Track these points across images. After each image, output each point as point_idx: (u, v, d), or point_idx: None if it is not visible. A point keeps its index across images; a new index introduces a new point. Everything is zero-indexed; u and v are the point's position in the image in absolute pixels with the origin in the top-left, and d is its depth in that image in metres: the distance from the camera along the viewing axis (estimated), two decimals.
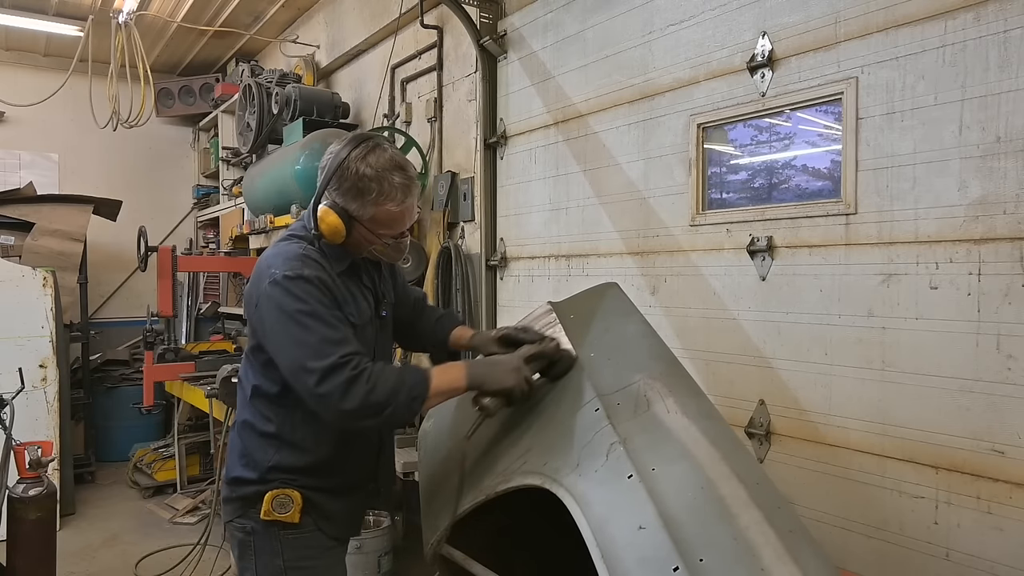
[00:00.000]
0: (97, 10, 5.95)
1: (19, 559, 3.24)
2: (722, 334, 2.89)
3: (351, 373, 1.73)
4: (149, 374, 5.20)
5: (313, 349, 1.75)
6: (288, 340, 1.79)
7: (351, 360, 1.75)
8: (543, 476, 1.65)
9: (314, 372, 1.73)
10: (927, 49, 2.26)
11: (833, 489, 2.53)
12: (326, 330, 1.78)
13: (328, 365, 1.73)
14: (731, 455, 1.57)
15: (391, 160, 1.89)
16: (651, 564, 1.35)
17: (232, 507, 2.01)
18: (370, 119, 5.21)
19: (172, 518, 5.36)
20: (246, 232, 5.59)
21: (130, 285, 7.71)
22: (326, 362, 1.73)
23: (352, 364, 1.74)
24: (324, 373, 1.73)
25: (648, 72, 3.21)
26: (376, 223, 1.91)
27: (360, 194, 1.87)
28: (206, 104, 7.43)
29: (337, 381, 1.72)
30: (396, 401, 1.76)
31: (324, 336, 1.77)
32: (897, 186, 2.34)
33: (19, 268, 5.12)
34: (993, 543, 2.12)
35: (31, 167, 7.28)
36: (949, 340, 2.22)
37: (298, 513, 1.93)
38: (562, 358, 1.94)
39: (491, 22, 4.15)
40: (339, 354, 1.74)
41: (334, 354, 1.74)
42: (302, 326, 1.78)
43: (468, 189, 4.41)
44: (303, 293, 1.80)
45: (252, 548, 1.96)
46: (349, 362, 1.74)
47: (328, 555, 2.02)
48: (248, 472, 1.96)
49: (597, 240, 3.51)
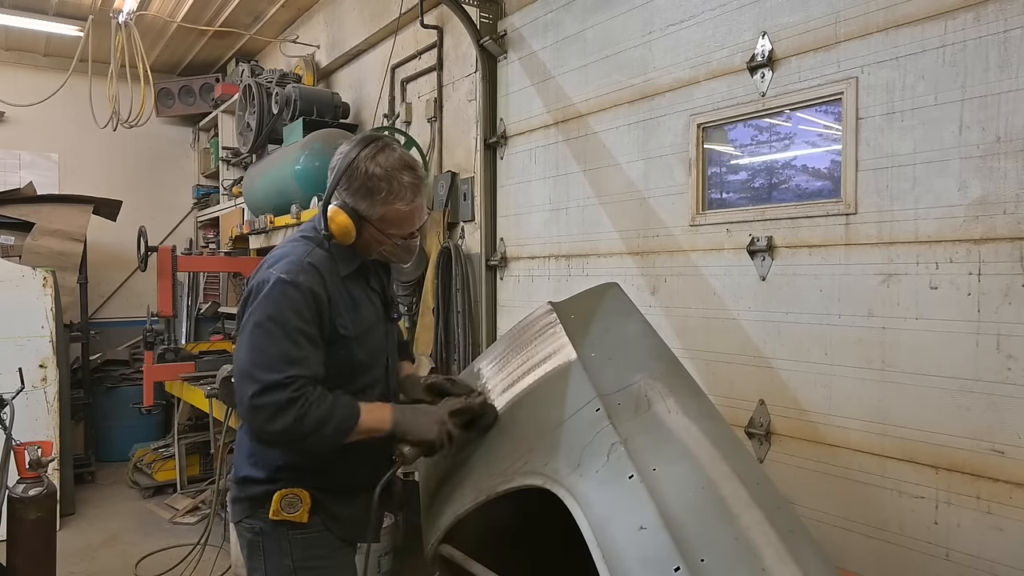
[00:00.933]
0: (97, 10, 5.95)
1: (19, 559, 3.24)
2: (722, 334, 2.90)
3: (290, 395, 1.75)
4: (149, 374, 5.20)
5: (266, 361, 1.78)
6: (249, 342, 1.82)
7: (295, 382, 1.77)
8: (544, 476, 1.65)
9: (257, 382, 1.76)
10: (927, 49, 2.27)
11: (833, 489, 2.53)
12: (287, 345, 1.80)
13: (272, 381, 1.75)
14: (732, 455, 1.57)
15: (400, 160, 1.90)
16: (652, 564, 1.35)
17: (240, 507, 2.00)
18: (370, 119, 5.21)
19: (172, 518, 5.36)
20: (246, 232, 5.59)
21: (130, 285, 7.70)
22: (271, 377, 1.75)
23: (294, 386, 1.76)
24: (265, 387, 1.75)
25: (648, 72, 3.21)
26: (386, 223, 1.92)
27: (370, 194, 1.88)
28: (206, 104, 7.42)
29: (273, 399, 1.75)
30: (320, 432, 1.79)
31: (282, 351, 1.79)
32: (897, 186, 2.34)
33: (19, 268, 5.12)
34: (993, 543, 2.13)
35: (31, 167, 7.28)
36: (949, 340, 2.22)
37: (307, 513, 1.93)
38: (485, 413, 1.99)
39: (491, 22, 4.15)
40: (287, 373, 1.76)
41: (283, 372, 1.76)
42: (267, 333, 1.80)
43: (468, 189, 4.41)
44: (285, 300, 1.82)
45: (261, 548, 1.95)
46: (292, 383, 1.76)
47: (337, 556, 2.01)
48: (257, 471, 1.96)
49: (597, 240, 3.51)
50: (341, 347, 1.92)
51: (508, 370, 2.17)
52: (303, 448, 1.88)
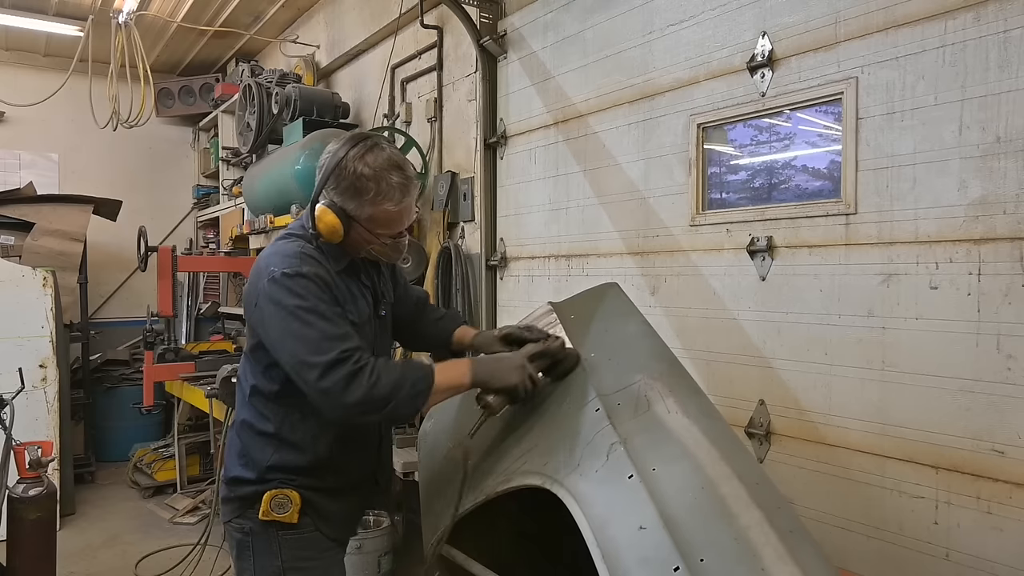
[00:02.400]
0: (97, 10, 5.95)
1: (19, 559, 3.24)
2: (722, 334, 2.89)
3: (353, 367, 1.72)
4: (149, 374, 5.20)
5: (314, 345, 1.75)
6: (289, 336, 1.79)
7: (352, 355, 1.74)
8: (544, 476, 1.65)
9: (316, 367, 1.73)
10: (927, 49, 2.26)
11: (833, 489, 2.53)
12: (327, 326, 1.78)
13: (330, 360, 1.72)
14: (731, 455, 1.57)
15: (389, 159, 1.89)
16: (652, 564, 1.35)
17: (230, 507, 2.00)
18: (370, 119, 5.21)
19: (172, 518, 5.35)
20: (246, 232, 5.59)
21: (130, 285, 7.70)
22: (328, 357, 1.73)
23: (354, 359, 1.74)
24: (326, 368, 1.72)
25: (648, 72, 3.21)
26: (374, 223, 1.91)
27: (358, 193, 1.87)
28: (206, 104, 7.42)
29: (339, 376, 1.72)
30: (399, 396, 1.75)
31: (325, 332, 1.76)
32: (897, 186, 2.34)
33: (19, 268, 5.12)
34: (993, 543, 2.13)
35: (31, 167, 7.28)
36: (949, 340, 2.22)
37: (296, 513, 1.92)
38: (566, 357, 1.93)
39: (491, 22, 4.15)
40: (340, 349, 1.74)
41: (335, 349, 1.74)
42: (302, 322, 1.77)
43: (468, 189, 4.41)
44: (302, 290, 1.80)
45: (250, 548, 1.95)
46: (351, 357, 1.74)
47: (327, 556, 2.01)
48: (246, 472, 1.96)
49: (597, 240, 3.51)
50: None
51: None
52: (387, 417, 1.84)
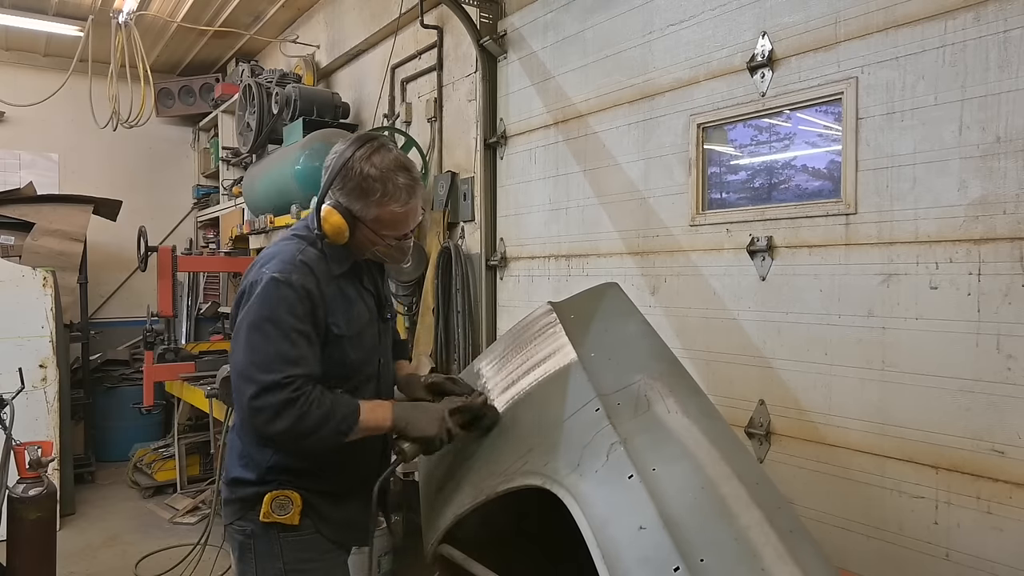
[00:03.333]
0: (97, 10, 5.95)
1: (19, 559, 3.24)
2: (722, 334, 2.89)
3: (290, 395, 1.75)
4: (149, 374, 5.20)
5: (263, 362, 1.77)
6: (245, 343, 1.81)
7: (294, 382, 1.76)
8: (544, 476, 1.65)
9: (255, 384, 1.75)
10: (927, 49, 2.26)
11: (833, 489, 2.53)
12: (283, 345, 1.79)
13: (270, 381, 1.74)
14: (731, 455, 1.57)
15: (396, 161, 1.89)
16: (652, 564, 1.35)
17: (232, 509, 2.00)
18: (370, 119, 5.21)
19: (172, 518, 5.35)
20: (246, 232, 5.60)
21: (130, 285, 7.70)
22: (269, 377, 1.75)
23: (293, 386, 1.76)
24: (264, 388, 1.74)
25: (648, 72, 3.21)
26: (380, 224, 1.91)
27: (364, 194, 1.87)
28: (206, 104, 7.42)
29: (273, 400, 1.74)
30: (321, 432, 1.79)
31: (279, 351, 1.78)
32: (897, 186, 2.34)
33: (19, 268, 5.12)
34: (993, 543, 2.13)
35: (31, 167, 7.28)
36: (949, 340, 2.22)
37: (298, 515, 1.92)
38: (486, 414, 1.98)
39: (491, 22, 4.15)
40: (285, 373, 1.76)
41: (281, 372, 1.75)
42: (263, 334, 1.79)
43: (468, 189, 4.41)
44: (280, 300, 1.81)
45: (252, 551, 1.95)
46: (291, 383, 1.75)
47: (328, 558, 2.00)
48: (247, 472, 1.96)
49: (597, 240, 3.51)
50: (335, 347, 1.91)
51: (508, 370, 2.17)
52: (304, 448, 1.87)
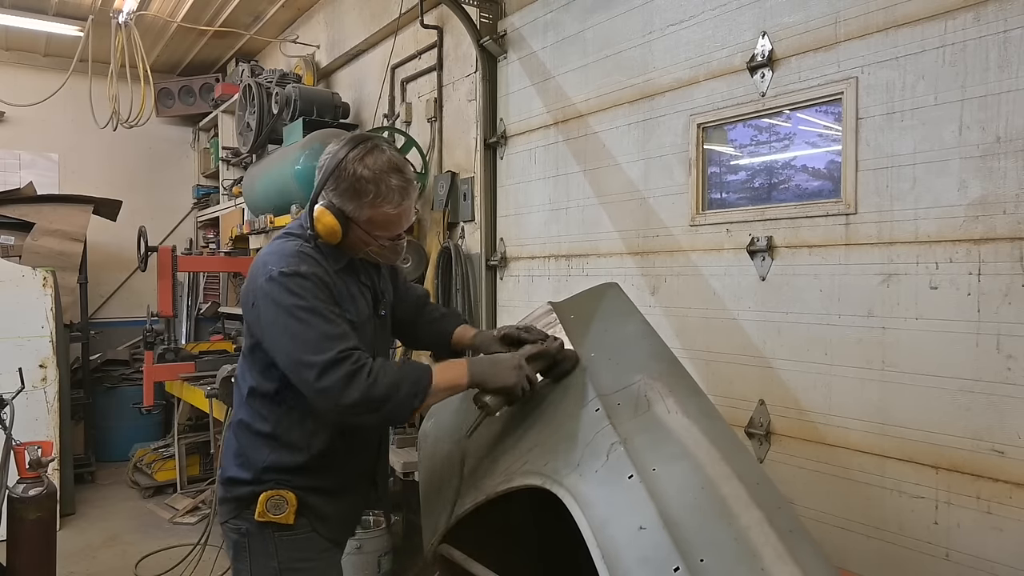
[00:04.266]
0: (97, 10, 5.95)
1: (19, 559, 3.24)
2: (722, 334, 2.89)
3: (351, 367, 1.72)
4: (149, 374, 5.20)
5: (312, 344, 1.75)
6: (286, 336, 1.79)
7: (351, 355, 1.74)
8: (544, 476, 1.65)
9: (314, 367, 1.73)
10: (927, 49, 2.26)
11: (833, 489, 2.53)
12: (325, 325, 1.77)
13: (328, 360, 1.72)
14: (731, 455, 1.57)
15: (389, 162, 1.89)
16: (652, 564, 1.35)
17: (227, 508, 2.00)
18: (370, 119, 5.21)
19: (172, 518, 5.36)
20: (246, 232, 5.59)
21: (130, 285, 7.70)
22: (325, 356, 1.72)
23: (352, 359, 1.73)
24: (324, 368, 1.72)
25: (648, 72, 3.21)
26: (373, 225, 1.91)
27: (357, 195, 1.87)
28: (206, 104, 7.42)
29: (337, 375, 1.71)
30: (397, 396, 1.75)
31: (323, 331, 1.76)
32: (897, 186, 2.34)
33: (19, 268, 5.12)
34: (993, 543, 2.12)
35: (31, 167, 7.28)
36: (949, 340, 2.22)
37: (293, 514, 1.92)
38: (566, 358, 1.93)
39: (491, 22, 4.14)
40: (338, 349, 1.74)
41: (333, 349, 1.73)
42: (300, 321, 1.77)
43: (468, 189, 4.41)
44: (300, 289, 1.80)
45: (247, 549, 1.95)
46: (349, 357, 1.73)
47: (323, 557, 2.01)
48: (243, 472, 1.96)
49: (597, 240, 3.51)
50: None
51: None
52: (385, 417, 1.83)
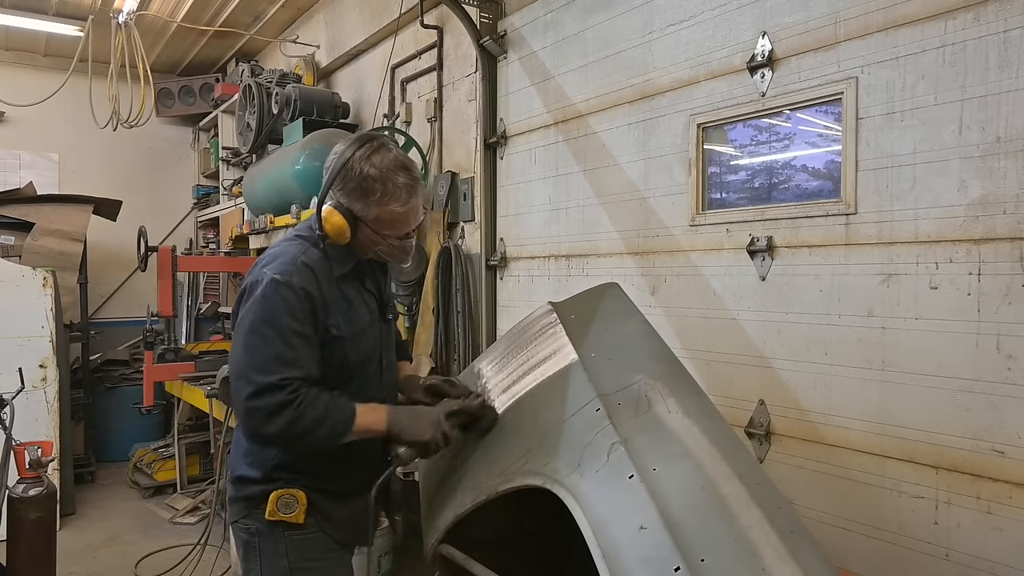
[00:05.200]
0: (97, 10, 5.95)
1: (19, 559, 3.24)
2: (722, 334, 2.90)
3: (285, 398, 1.76)
4: (149, 374, 5.20)
5: (260, 363, 1.79)
6: (244, 344, 1.83)
7: (290, 384, 1.78)
8: (544, 476, 1.65)
9: (251, 384, 1.77)
10: (927, 49, 2.27)
11: (833, 489, 2.53)
12: (281, 347, 1.80)
13: (266, 383, 1.76)
14: (732, 455, 1.57)
15: (395, 160, 1.90)
16: (652, 564, 1.35)
17: (237, 507, 2.00)
18: (370, 119, 5.21)
19: (172, 518, 5.36)
20: (246, 232, 5.59)
21: (130, 285, 7.70)
22: (266, 379, 1.77)
23: (289, 389, 1.77)
24: (260, 390, 1.76)
25: (648, 72, 3.21)
26: (381, 223, 1.92)
27: (364, 194, 1.88)
28: (206, 104, 7.42)
29: (268, 401, 1.76)
30: (315, 435, 1.80)
31: (276, 353, 1.80)
32: (897, 186, 2.34)
33: (19, 268, 5.12)
34: (993, 543, 2.13)
35: (31, 167, 7.28)
36: (949, 340, 2.22)
37: (303, 513, 1.93)
38: (485, 415, 1.98)
39: (491, 22, 4.15)
40: (280, 375, 1.77)
41: (276, 374, 1.77)
42: (261, 336, 1.81)
43: (468, 189, 4.41)
44: (279, 301, 1.82)
45: (257, 549, 1.95)
46: (287, 386, 1.77)
47: (332, 557, 2.01)
48: (253, 471, 1.96)
49: (597, 240, 3.51)
50: (335, 347, 1.92)
51: (508, 370, 2.17)
52: (299, 449, 1.89)
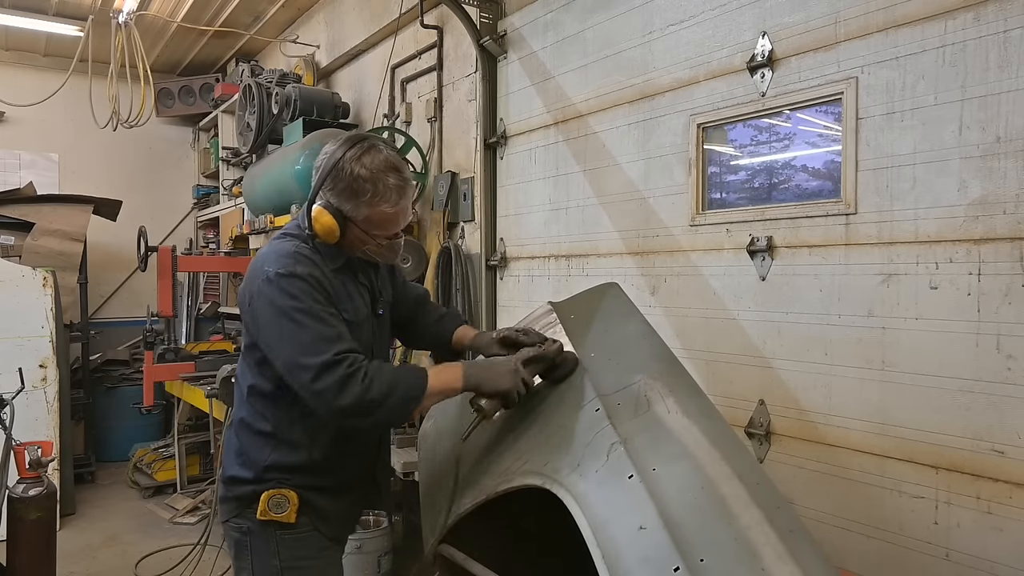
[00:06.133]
0: (97, 10, 5.95)
1: (19, 559, 3.24)
2: (722, 334, 2.89)
3: (347, 370, 1.73)
4: (149, 374, 5.20)
5: (308, 346, 1.75)
6: (283, 337, 1.79)
7: (347, 357, 1.75)
8: (543, 476, 1.65)
9: (309, 369, 1.73)
10: (927, 49, 2.27)
11: (833, 489, 2.53)
12: (321, 327, 1.78)
13: (323, 362, 1.73)
14: (731, 455, 1.57)
15: (386, 161, 1.90)
16: (652, 564, 1.34)
17: (228, 507, 2.00)
18: (370, 119, 5.21)
19: (172, 518, 5.36)
20: (246, 232, 5.59)
21: (130, 285, 7.70)
22: (321, 359, 1.73)
23: (348, 362, 1.74)
24: (319, 370, 1.72)
25: (648, 72, 3.21)
26: (370, 224, 1.92)
27: (354, 195, 1.88)
28: (206, 104, 7.42)
29: (332, 378, 1.72)
30: (391, 399, 1.76)
31: (319, 333, 1.77)
32: (897, 186, 2.34)
33: (19, 268, 5.12)
34: (993, 543, 2.13)
35: (31, 167, 7.28)
36: (949, 340, 2.22)
37: (294, 513, 1.92)
38: (564, 361, 1.92)
39: (491, 22, 4.15)
40: (334, 351, 1.74)
41: (329, 351, 1.74)
42: (296, 323, 1.78)
43: (468, 189, 4.41)
44: (296, 290, 1.80)
45: (248, 548, 1.95)
46: (344, 359, 1.74)
47: (324, 555, 2.01)
48: (244, 471, 1.96)
49: (597, 240, 3.51)
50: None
51: None
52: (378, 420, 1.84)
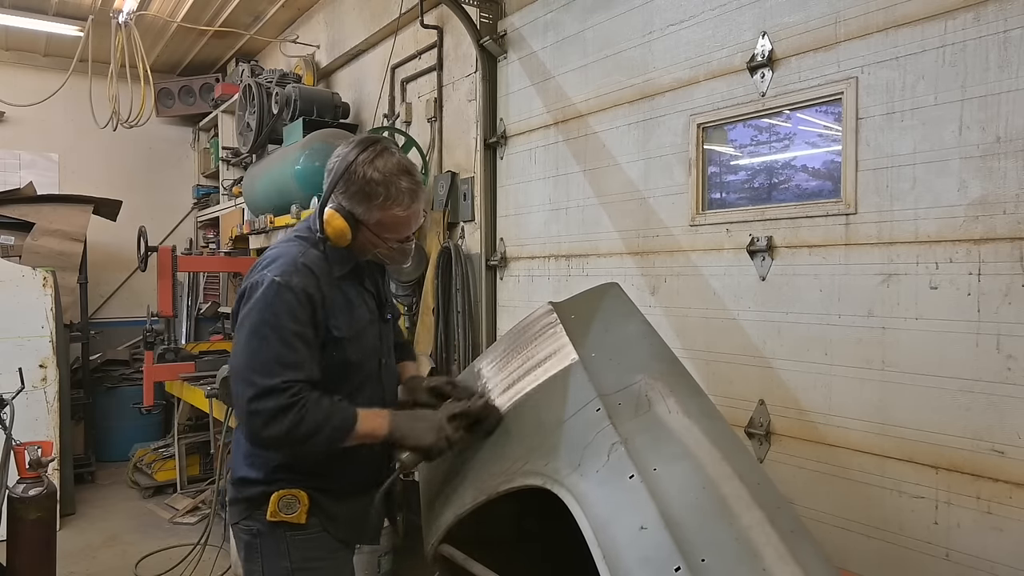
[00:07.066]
0: (97, 10, 5.95)
1: (19, 559, 3.24)
2: (722, 334, 2.90)
3: (286, 401, 1.76)
4: (149, 374, 5.20)
5: (262, 364, 1.78)
6: (245, 346, 1.83)
7: (291, 387, 1.77)
8: (544, 476, 1.65)
9: (254, 386, 1.77)
10: (927, 49, 2.27)
11: (833, 489, 2.53)
12: (282, 349, 1.80)
13: (268, 386, 1.76)
14: (732, 455, 1.57)
15: (398, 164, 1.91)
16: (653, 564, 1.35)
17: (238, 509, 2.00)
18: (370, 119, 5.21)
19: (172, 518, 5.36)
20: (246, 232, 5.59)
21: (130, 285, 7.70)
22: (268, 382, 1.76)
23: (291, 392, 1.77)
24: (262, 392, 1.76)
25: (648, 72, 3.21)
26: (382, 227, 1.93)
27: (367, 198, 1.89)
28: (206, 104, 7.42)
29: (269, 404, 1.75)
30: (316, 438, 1.80)
31: (278, 355, 1.79)
32: (897, 186, 2.34)
33: (19, 268, 5.12)
34: (993, 543, 2.13)
35: (31, 167, 7.28)
36: (949, 340, 2.22)
37: (304, 514, 1.92)
38: (488, 416, 1.97)
39: (491, 22, 4.15)
40: (283, 378, 1.77)
41: (278, 376, 1.77)
42: (262, 338, 1.80)
43: (468, 189, 4.41)
44: (280, 304, 1.82)
45: (258, 550, 1.95)
46: (288, 389, 1.77)
47: (335, 557, 2.01)
48: (254, 472, 1.96)
49: (597, 240, 3.51)
50: (334, 348, 1.92)
51: (508, 370, 2.17)
52: (297, 453, 1.89)
